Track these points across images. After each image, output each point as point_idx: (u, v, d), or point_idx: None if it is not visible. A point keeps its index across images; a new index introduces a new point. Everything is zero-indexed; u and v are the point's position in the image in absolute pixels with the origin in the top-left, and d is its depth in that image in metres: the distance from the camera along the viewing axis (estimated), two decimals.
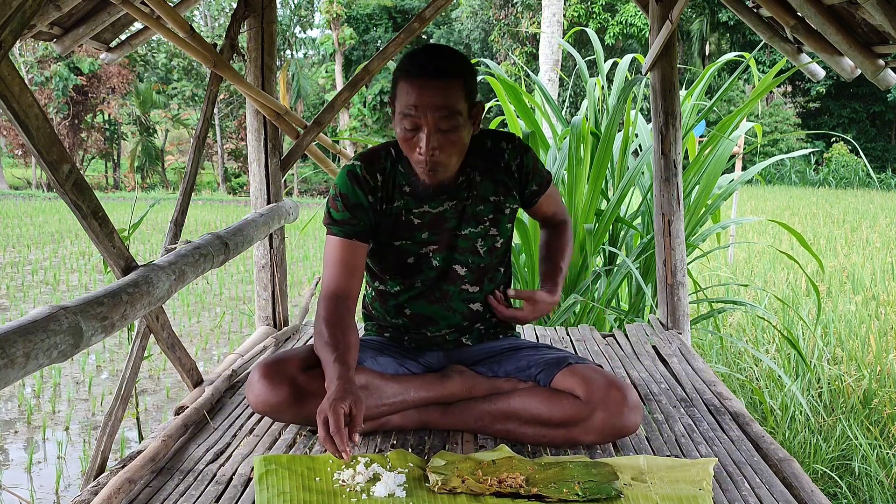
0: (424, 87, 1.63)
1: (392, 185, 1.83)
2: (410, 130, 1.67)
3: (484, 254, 1.91)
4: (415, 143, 1.68)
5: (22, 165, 25.63)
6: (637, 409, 1.77)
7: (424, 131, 1.66)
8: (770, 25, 2.92)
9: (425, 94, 1.63)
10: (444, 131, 1.66)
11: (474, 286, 1.92)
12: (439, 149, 1.67)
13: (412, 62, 1.67)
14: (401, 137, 1.71)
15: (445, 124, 1.65)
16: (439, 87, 1.64)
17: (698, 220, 3.92)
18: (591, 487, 1.52)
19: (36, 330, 1.31)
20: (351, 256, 1.81)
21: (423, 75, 1.64)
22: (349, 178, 1.81)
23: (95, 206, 1.70)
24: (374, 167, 1.82)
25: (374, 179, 1.82)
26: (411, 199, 1.84)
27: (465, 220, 1.87)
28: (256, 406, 1.82)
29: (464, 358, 1.95)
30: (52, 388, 4.24)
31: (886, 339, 4.14)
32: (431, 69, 1.65)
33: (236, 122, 23.30)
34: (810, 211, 12.59)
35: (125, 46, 3.00)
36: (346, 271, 1.80)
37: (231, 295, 6.93)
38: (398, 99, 1.69)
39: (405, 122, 1.67)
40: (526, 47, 21.22)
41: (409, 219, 1.85)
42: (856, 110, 24.07)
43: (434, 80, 1.64)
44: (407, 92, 1.65)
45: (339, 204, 1.81)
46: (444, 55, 1.69)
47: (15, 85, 1.42)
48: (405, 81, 1.66)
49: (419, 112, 1.64)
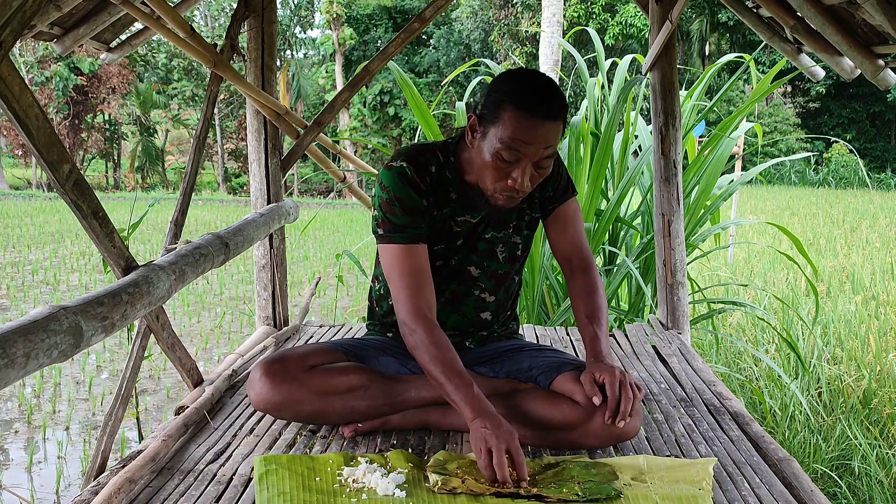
0: (540, 126, 1.59)
1: (441, 190, 1.80)
2: (508, 161, 1.62)
3: (503, 260, 1.90)
4: (506, 172, 1.64)
5: (22, 165, 25.64)
6: (637, 413, 1.76)
7: (522, 165, 1.62)
8: (770, 25, 2.92)
9: (542, 132, 1.59)
10: (539, 168, 1.65)
11: (491, 295, 1.92)
12: (530, 181, 1.65)
13: (529, 95, 1.60)
14: (490, 164, 1.64)
15: (545, 162, 1.64)
16: (552, 128, 1.61)
17: (698, 221, 3.92)
18: (591, 487, 1.52)
19: (36, 330, 1.31)
20: (421, 261, 1.74)
21: (540, 115, 1.59)
22: (401, 181, 1.73)
23: (96, 206, 1.71)
24: (422, 170, 1.77)
25: (423, 182, 1.76)
26: (458, 207, 1.81)
27: (492, 224, 1.87)
28: (258, 404, 1.82)
29: (465, 360, 1.94)
30: (53, 387, 4.24)
31: (886, 339, 4.14)
32: (550, 109, 1.60)
33: (236, 122, 23.31)
34: (810, 211, 12.59)
35: (125, 46, 3.00)
36: (421, 279, 1.73)
37: (231, 295, 6.93)
38: (502, 127, 1.60)
39: (505, 153, 1.61)
40: (526, 47, 21.22)
41: (450, 226, 1.83)
42: (856, 110, 24.08)
43: (550, 121, 1.60)
44: (521, 126, 1.58)
45: (396, 209, 1.73)
46: (557, 92, 1.64)
47: (15, 85, 1.42)
48: (521, 114, 1.59)
49: (526, 149, 1.60)
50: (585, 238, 1.95)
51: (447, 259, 1.87)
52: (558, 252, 1.94)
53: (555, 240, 1.93)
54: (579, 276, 1.90)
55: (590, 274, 1.90)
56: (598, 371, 1.71)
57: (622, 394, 1.67)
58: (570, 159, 3.66)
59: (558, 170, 1.88)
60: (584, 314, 1.85)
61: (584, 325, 1.84)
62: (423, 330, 1.67)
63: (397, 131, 23.24)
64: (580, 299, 1.88)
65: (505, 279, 1.92)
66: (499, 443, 1.51)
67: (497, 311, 1.96)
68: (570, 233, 1.91)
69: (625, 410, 1.66)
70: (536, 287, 3.65)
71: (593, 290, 1.88)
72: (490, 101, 1.64)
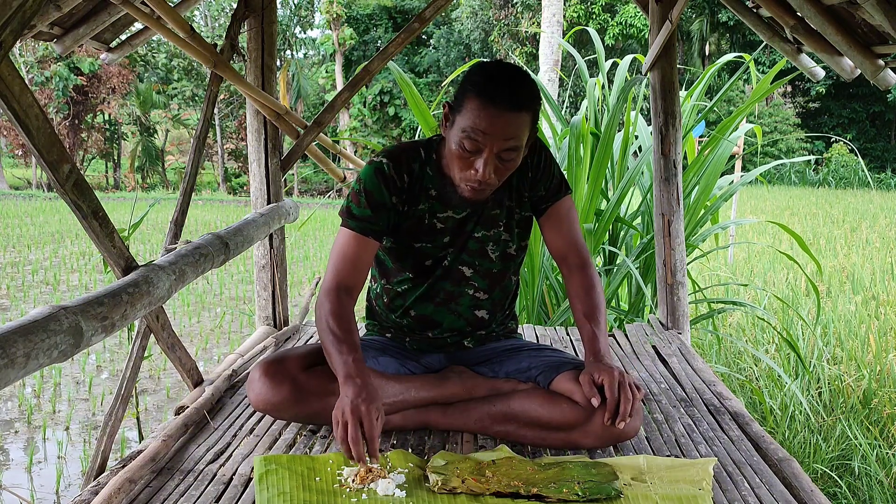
0: (498, 116, 1.58)
1: (419, 187, 1.81)
2: (469, 151, 1.62)
3: (496, 258, 1.89)
4: (470, 163, 1.64)
5: (22, 165, 25.64)
6: (637, 412, 1.76)
7: (484, 156, 1.61)
8: (770, 25, 2.92)
9: (498, 123, 1.58)
10: (503, 160, 1.63)
11: (485, 294, 1.92)
12: (494, 173, 1.64)
13: (490, 84, 1.59)
14: (455, 153, 1.65)
15: (507, 154, 1.62)
16: (512, 119, 1.59)
17: (698, 221, 3.92)
18: (590, 487, 1.52)
19: (36, 330, 1.31)
20: (362, 253, 1.78)
21: (499, 103, 1.57)
22: (376, 176, 1.77)
23: (96, 206, 1.71)
24: (402, 167, 1.79)
25: (401, 180, 1.78)
26: (437, 203, 1.82)
27: (481, 223, 1.86)
28: (257, 405, 1.82)
29: (465, 359, 1.95)
30: (53, 387, 4.24)
31: (886, 339, 4.14)
32: (509, 99, 1.58)
33: (236, 122, 23.31)
34: (810, 211, 12.59)
35: (125, 46, 3.00)
36: (354, 266, 1.77)
37: (231, 295, 6.93)
38: (465, 115, 1.61)
39: (466, 142, 1.61)
40: (526, 47, 21.22)
41: (431, 223, 1.83)
42: (856, 110, 24.08)
43: (510, 111, 1.58)
44: (478, 115, 1.58)
45: (361, 200, 1.77)
46: (523, 83, 1.62)
47: (15, 85, 1.42)
48: (479, 102, 1.58)
49: (486, 139, 1.59)
50: (581, 236, 1.94)
51: (438, 258, 1.87)
52: (554, 250, 1.93)
53: (550, 238, 1.92)
54: (576, 275, 1.89)
55: (587, 272, 1.88)
56: (596, 371, 1.70)
57: (621, 395, 1.67)
58: (570, 159, 3.66)
59: (551, 169, 1.87)
60: (583, 313, 1.84)
61: (583, 324, 1.83)
62: (329, 302, 1.72)
63: (397, 131, 23.25)
64: (578, 298, 1.87)
65: (500, 278, 1.92)
66: (353, 417, 1.50)
67: (493, 309, 1.95)
68: (565, 231, 1.90)
69: (624, 411, 1.66)
70: (536, 287, 3.65)
71: (591, 289, 1.86)
72: (458, 91, 1.65)
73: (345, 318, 1.70)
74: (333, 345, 1.66)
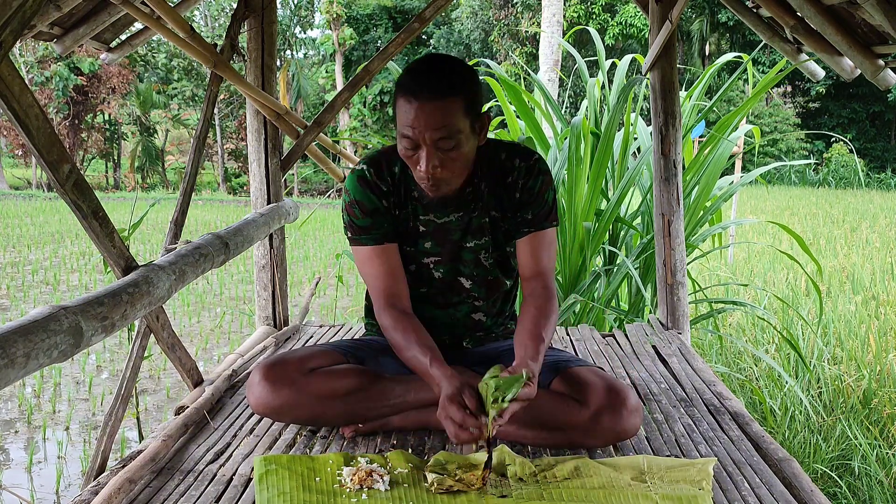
0: (421, 107, 1.56)
1: (403, 189, 1.80)
2: (410, 149, 1.62)
3: (490, 266, 1.87)
4: (415, 160, 1.63)
5: (22, 165, 25.63)
6: (637, 412, 1.77)
7: (424, 150, 1.60)
8: (770, 25, 2.93)
9: (422, 114, 1.56)
10: (444, 150, 1.61)
11: (483, 301, 1.91)
12: (440, 166, 1.62)
13: (410, 79, 1.59)
14: (402, 154, 1.65)
15: (445, 144, 1.59)
16: (437, 108, 1.56)
17: (698, 221, 3.92)
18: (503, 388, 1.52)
19: (36, 330, 1.31)
20: (389, 259, 1.77)
21: (420, 95, 1.56)
22: (360, 184, 1.77)
23: (96, 206, 1.71)
24: (383, 172, 1.78)
25: (384, 183, 1.78)
26: (419, 206, 1.81)
27: (471, 233, 1.83)
28: (257, 408, 1.82)
29: (464, 360, 1.95)
30: (53, 387, 4.24)
31: (886, 339, 4.14)
32: (429, 88, 1.56)
33: (236, 122, 23.30)
34: (810, 211, 12.60)
35: (125, 46, 3.00)
36: (391, 276, 1.77)
37: (231, 295, 6.93)
38: (397, 116, 1.62)
39: (404, 141, 1.61)
40: (526, 47, 21.23)
41: (415, 225, 1.83)
42: (855, 110, 24.08)
43: (432, 100, 1.56)
44: (405, 111, 1.58)
45: (357, 211, 1.76)
46: (444, 71, 1.60)
47: (15, 85, 1.42)
48: (403, 99, 1.59)
49: (417, 133, 1.58)
50: (554, 266, 1.87)
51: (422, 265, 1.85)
52: (523, 270, 1.85)
53: (523, 262, 1.84)
54: (540, 300, 1.77)
55: (552, 303, 1.77)
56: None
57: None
58: (570, 159, 3.66)
59: (544, 196, 1.79)
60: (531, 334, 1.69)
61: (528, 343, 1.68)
62: (388, 318, 1.74)
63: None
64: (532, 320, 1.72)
65: (497, 285, 1.91)
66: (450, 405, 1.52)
67: (489, 311, 1.95)
68: (538, 258, 1.81)
69: None
70: None
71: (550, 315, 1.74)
72: (392, 97, 1.65)
73: (409, 328, 1.71)
74: (413, 359, 1.68)
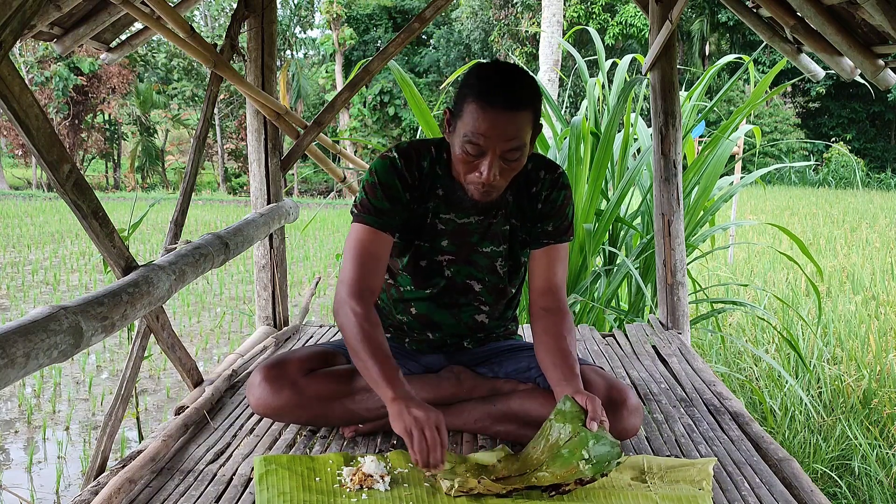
0: (498, 118, 1.56)
1: (428, 185, 1.79)
2: (473, 155, 1.61)
3: (504, 274, 1.87)
4: (475, 166, 1.63)
5: (22, 165, 25.64)
6: (637, 412, 1.76)
7: (488, 158, 1.60)
8: (770, 25, 2.92)
9: (498, 125, 1.56)
10: (508, 160, 1.62)
11: (488, 305, 1.90)
12: (500, 175, 1.63)
13: (487, 86, 1.57)
14: (460, 158, 1.63)
15: (511, 155, 1.60)
16: (511, 120, 1.57)
17: (698, 221, 3.92)
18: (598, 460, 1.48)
19: (36, 330, 1.31)
20: (380, 248, 1.75)
21: (497, 105, 1.55)
22: (391, 170, 1.75)
23: (96, 206, 1.71)
24: (413, 164, 1.77)
25: (412, 177, 1.77)
26: (441, 204, 1.80)
27: (488, 238, 1.83)
28: (257, 408, 1.82)
29: (464, 360, 1.95)
30: (53, 387, 4.24)
31: (886, 339, 4.14)
32: (505, 99, 1.56)
33: (236, 122, 23.31)
34: (810, 211, 12.60)
35: (125, 46, 3.00)
36: (374, 264, 1.73)
37: (231, 295, 6.93)
38: (465, 120, 1.59)
39: (469, 146, 1.59)
40: (526, 47, 21.22)
41: (433, 222, 1.82)
42: (855, 110, 24.08)
43: (509, 111, 1.56)
44: (477, 118, 1.57)
45: (378, 193, 1.74)
46: (520, 83, 1.60)
47: (15, 85, 1.42)
48: (477, 105, 1.57)
49: (487, 142, 1.58)
50: (565, 284, 1.88)
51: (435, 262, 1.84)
52: (535, 287, 1.85)
53: (537, 273, 1.85)
54: (555, 316, 1.79)
55: (567, 317, 1.79)
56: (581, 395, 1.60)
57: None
58: (570, 159, 3.66)
59: (566, 210, 1.83)
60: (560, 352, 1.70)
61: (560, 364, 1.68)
62: (359, 306, 1.67)
63: (397, 131, 23.24)
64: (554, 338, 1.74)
65: (505, 292, 1.91)
66: (429, 423, 1.50)
67: (492, 314, 1.94)
68: (554, 272, 1.83)
69: None
70: None
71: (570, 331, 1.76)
72: (457, 95, 1.64)
73: (375, 325, 1.67)
74: (370, 356, 1.61)
